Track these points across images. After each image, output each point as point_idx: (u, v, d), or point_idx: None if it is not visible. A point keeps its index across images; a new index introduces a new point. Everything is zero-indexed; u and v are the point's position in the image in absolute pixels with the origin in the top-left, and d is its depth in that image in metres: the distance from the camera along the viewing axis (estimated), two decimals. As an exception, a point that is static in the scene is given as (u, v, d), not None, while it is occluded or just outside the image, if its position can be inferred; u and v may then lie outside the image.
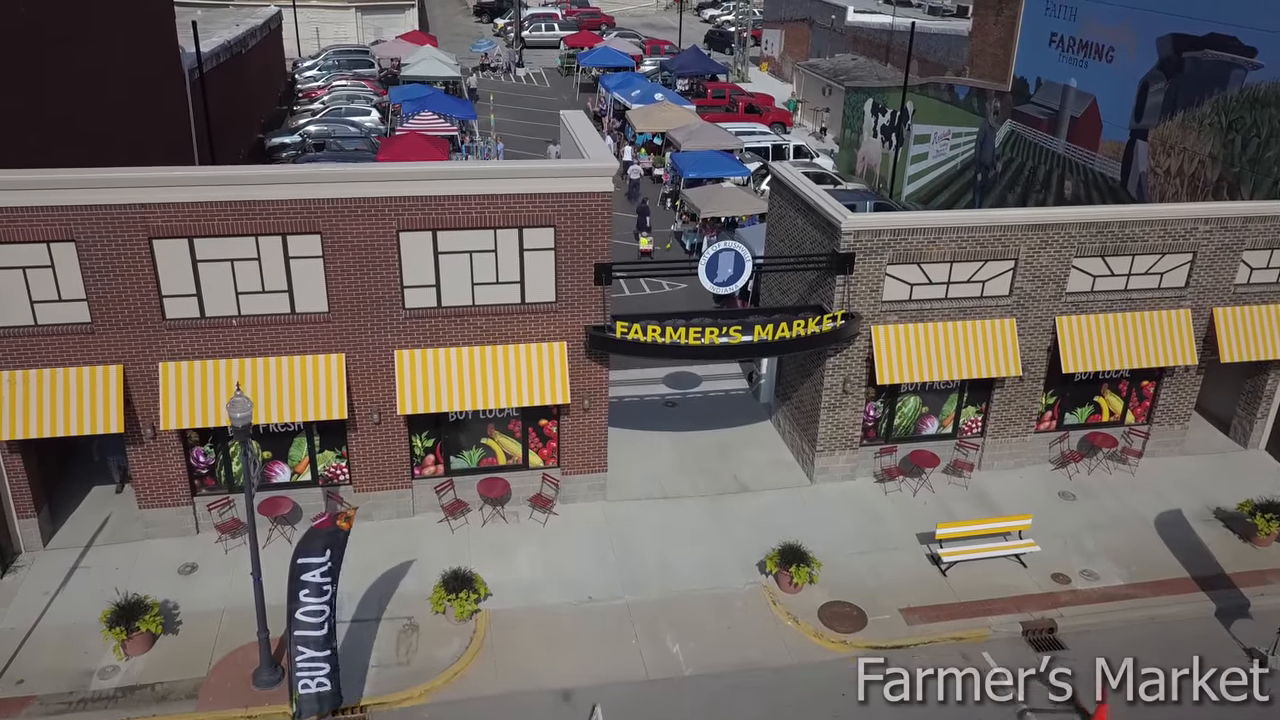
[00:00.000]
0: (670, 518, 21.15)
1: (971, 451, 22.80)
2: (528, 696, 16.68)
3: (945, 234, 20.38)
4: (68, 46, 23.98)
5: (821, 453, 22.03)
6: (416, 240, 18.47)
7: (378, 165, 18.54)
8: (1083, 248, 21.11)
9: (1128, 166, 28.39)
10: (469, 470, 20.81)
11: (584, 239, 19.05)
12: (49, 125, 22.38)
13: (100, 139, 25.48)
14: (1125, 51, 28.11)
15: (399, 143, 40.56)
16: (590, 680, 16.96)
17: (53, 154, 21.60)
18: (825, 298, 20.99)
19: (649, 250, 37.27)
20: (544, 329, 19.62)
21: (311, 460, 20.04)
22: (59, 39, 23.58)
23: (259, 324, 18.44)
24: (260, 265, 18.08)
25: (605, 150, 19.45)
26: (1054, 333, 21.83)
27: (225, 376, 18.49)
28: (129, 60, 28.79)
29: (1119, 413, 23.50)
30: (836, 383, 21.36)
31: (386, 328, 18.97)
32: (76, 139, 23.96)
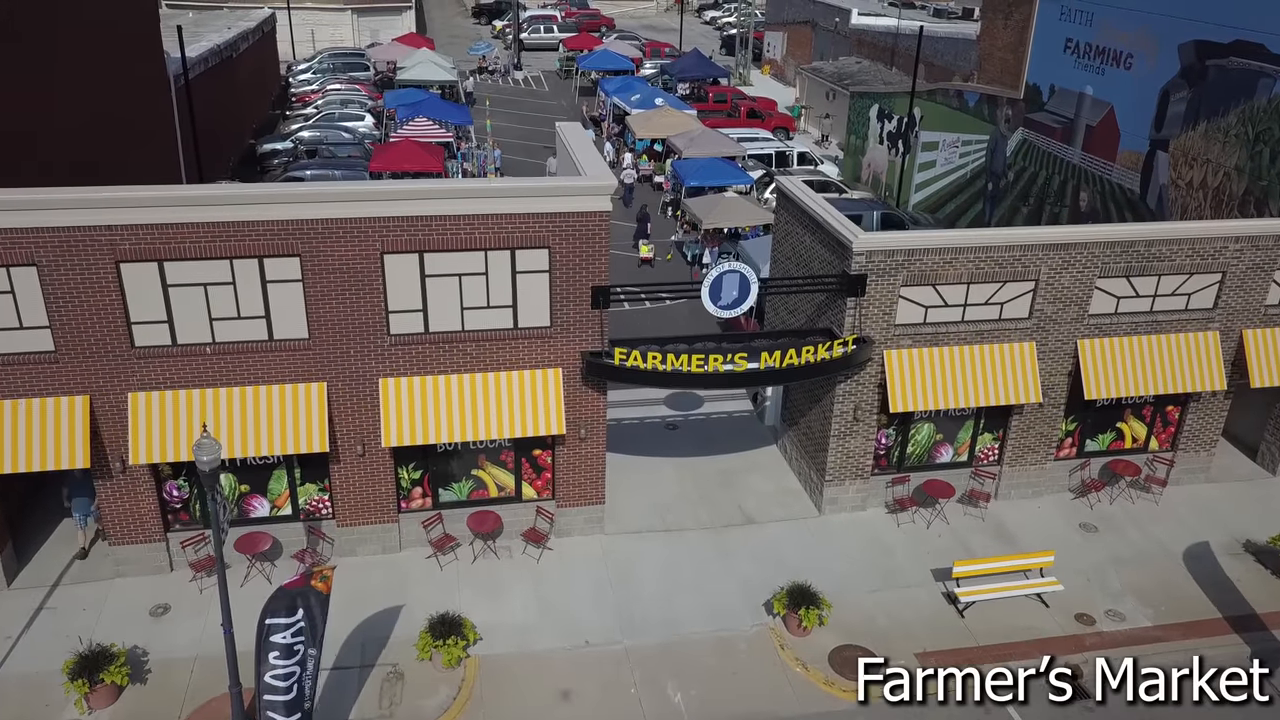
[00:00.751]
0: (672, 552, 20.06)
1: (988, 480, 21.71)
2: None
3: (962, 254, 19.29)
4: (42, 53, 22.93)
5: (831, 483, 20.94)
6: (402, 263, 17.38)
7: (360, 185, 17.42)
8: (1106, 268, 20.02)
9: (1147, 178, 27.30)
10: (459, 503, 19.72)
11: (581, 260, 17.97)
12: (18, 139, 21.30)
13: (78, 150, 24.44)
14: (1145, 58, 27.03)
15: (392, 150, 39.47)
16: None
17: (23, 169, 20.57)
18: (835, 320, 19.90)
19: (649, 258, 36.26)
20: (538, 355, 18.53)
21: (292, 493, 18.95)
22: (32, 45, 22.52)
23: (235, 351, 17.35)
24: (235, 290, 17.00)
25: (603, 167, 18.36)
26: (1075, 357, 20.74)
27: (199, 407, 17.41)
28: (110, 67, 27.72)
29: (1142, 439, 22.41)
30: (847, 410, 20.27)
31: (370, 355, 17.88)
32: (52, 150, 22.91)
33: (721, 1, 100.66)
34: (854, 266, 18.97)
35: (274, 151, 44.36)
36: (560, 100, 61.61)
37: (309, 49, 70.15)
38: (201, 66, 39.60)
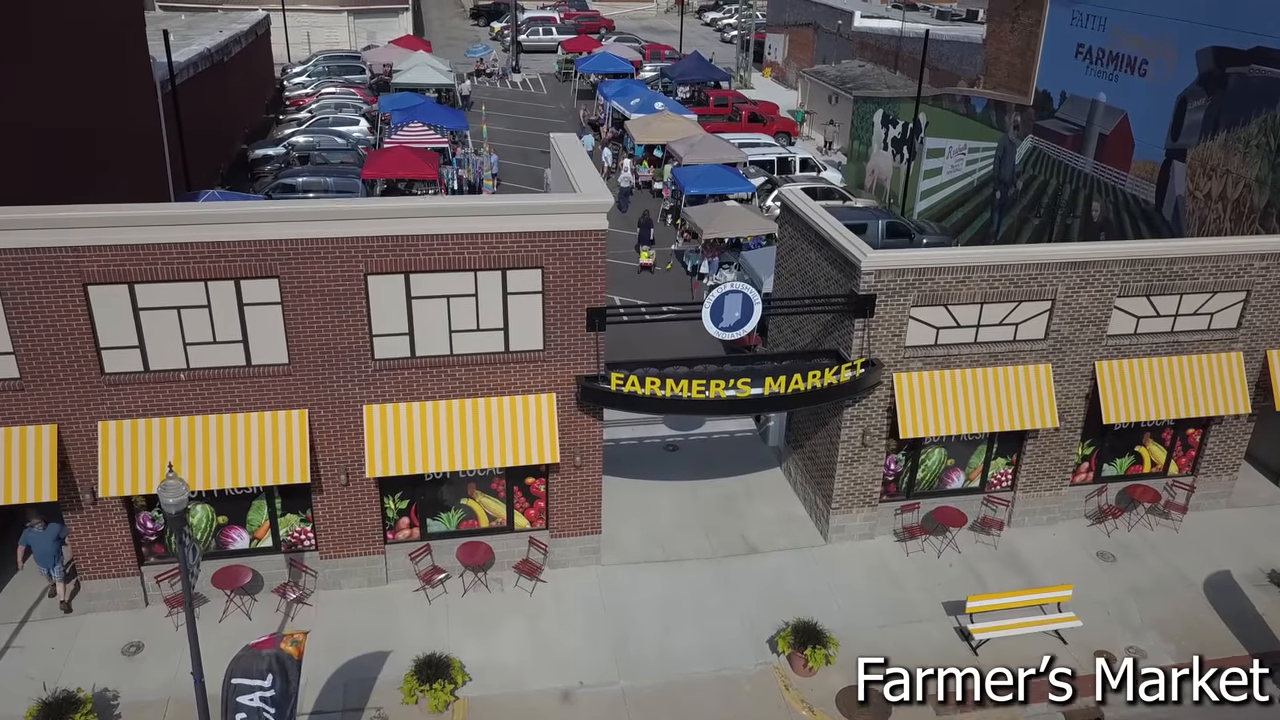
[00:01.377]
0: (671, 585, 19.17)
1: (1001, 507, 20.81)
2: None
3: (975, 273, 18.40)
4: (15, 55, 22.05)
5: (837, 510, 20.04)
6: (386, 284, 16.49)
7: (342, 203, 16.55)
8: (1126, 287, 19.14)
9: (1163, 189, 26.40)
10: (448, 533, 18.83)
11: (576, 281, 17.08)
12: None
13: (58, 160, 23.57)
14: (1161, 65, 26.13)
15: (386, 156, 38.60)
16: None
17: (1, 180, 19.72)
18: (842, 341, 19.01)
19: (650, 264, 35.46)
20: (531, 380, 17.65)
21: (273, 525, 18.06)
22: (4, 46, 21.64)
23: (210, 378, 16.46)
24: (211, 313, 16.11)
25: (599, 183, 17.46)
26: (1093, 379, 19.86)
27: (173, 436, 16.52)
28: (92, 73, 26.84)
29: (1161, 463, 21.52)
30: (855, 435, 19.38)
31: (353, 380, 17.00)
32: (31, 160, 22.03)
33: (722, 3, 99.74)
34: (862, 286, 18.08)
35: (266, 157, 43.44)
36: (559, 103, 60.75)
37: (304, 51, 69.25)
38: (191, 71, 38.75)
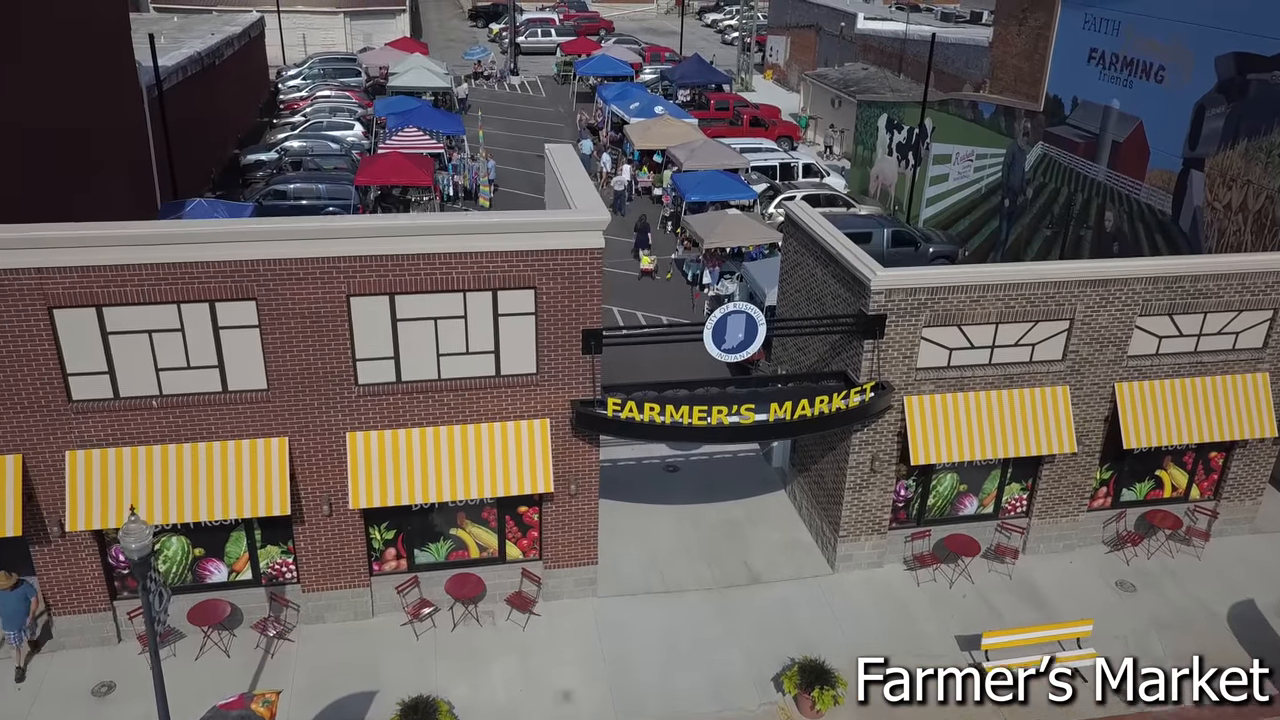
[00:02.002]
0: (671, 617, 18.29)
1: (1015, 535, 19.93)
2: None
3: (990, 292, 17.53)
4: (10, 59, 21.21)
5: (845, 538, 19.17)
6: (370, 306, 15.62)
7: (322, 221, 15.69)
8: (1148, 305, 18.27)
9: (1180, 199, 25.52)
10: (436, 565, 17.95)
11: (570, 302, 16.20)
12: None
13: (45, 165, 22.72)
14: (1178, 71, 25.25)
15: (379, 162, 37.76)
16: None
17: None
18: (851, 363, 18.14)
19: (651, 269, 34.70)
20: (523, 405, 16.77)
21: (252, 557, 17.18)
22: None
23: (185, 405, 15.59)
24: (184, 337, 15.23)
25: (595, 198, 16.58)
26: (1113, 401, 18.99)
27: (145, 466, 15.65)
28: (78, 77, 25.98)
29: (1183, 488, 20.64)
30: (863, 460, 18.51)
31: (336, 407, 16.13)
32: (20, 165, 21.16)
33: (723, 4, 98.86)
34: (872, 306, 17.21)
35: (258, 162, 42.62)
36: (557, 107, 59.89)
37: (300, 53, 68.35)
38: (180, 75, 37.90)
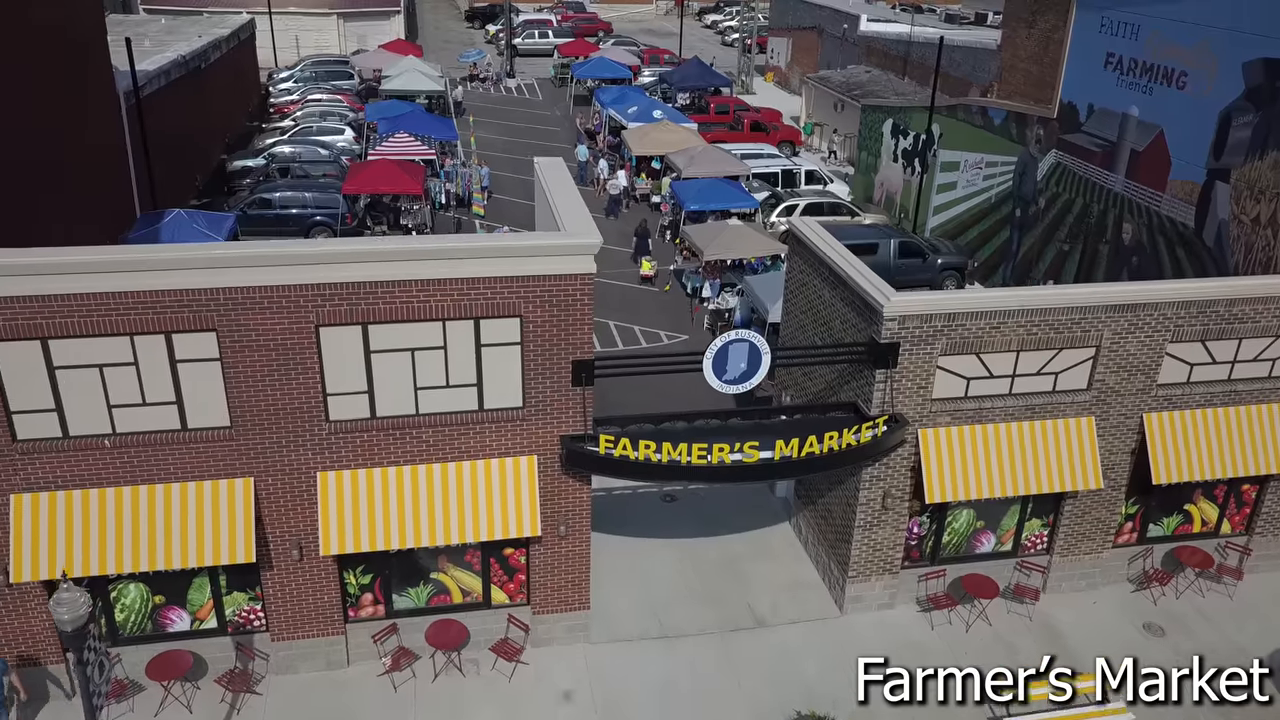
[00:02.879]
0: (670, 666, 17.05)
1: (1035, 573, 18.71)
2: None
3: (1011, 317, 16.32)
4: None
5: (855, 579, 17.96)
6: (341, 336, 14.42)
7: (288, 246, 14.57)
8: (1180, 331, 17.06)
9: (1204, 212, 24.31)
10: (416, 610, 16.72)
11: (559, 330, 14.99)
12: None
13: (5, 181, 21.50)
14: (1202, 77, 24.04)
15: (368, 169, 36.52)
16: None
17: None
18: (861, 393, 16.93)
19: (652, 275, 33.60)
20: (508, 441, 15.56)
21: (217, 604, 15.96)
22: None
23: (141, 444, 14.39)
24: (138, 371, 14.03)
25: (587, 220, 15.35)
26: (1141, 433, 17.78)
27: (97, 510, 14.45)
28: (46, 86, 24.75)
29: (1213, 522, 19.43)
30: (874, 497, 17.29)
31: (305, 445, 14.91)
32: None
33: (723, 4, 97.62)
34: (884, 333, 15.99)
35: (245, 169, 41.37)
36: (554, 110, 58.66)
37: (293, 55, 67.06)
38: (163, 79, 36.64)
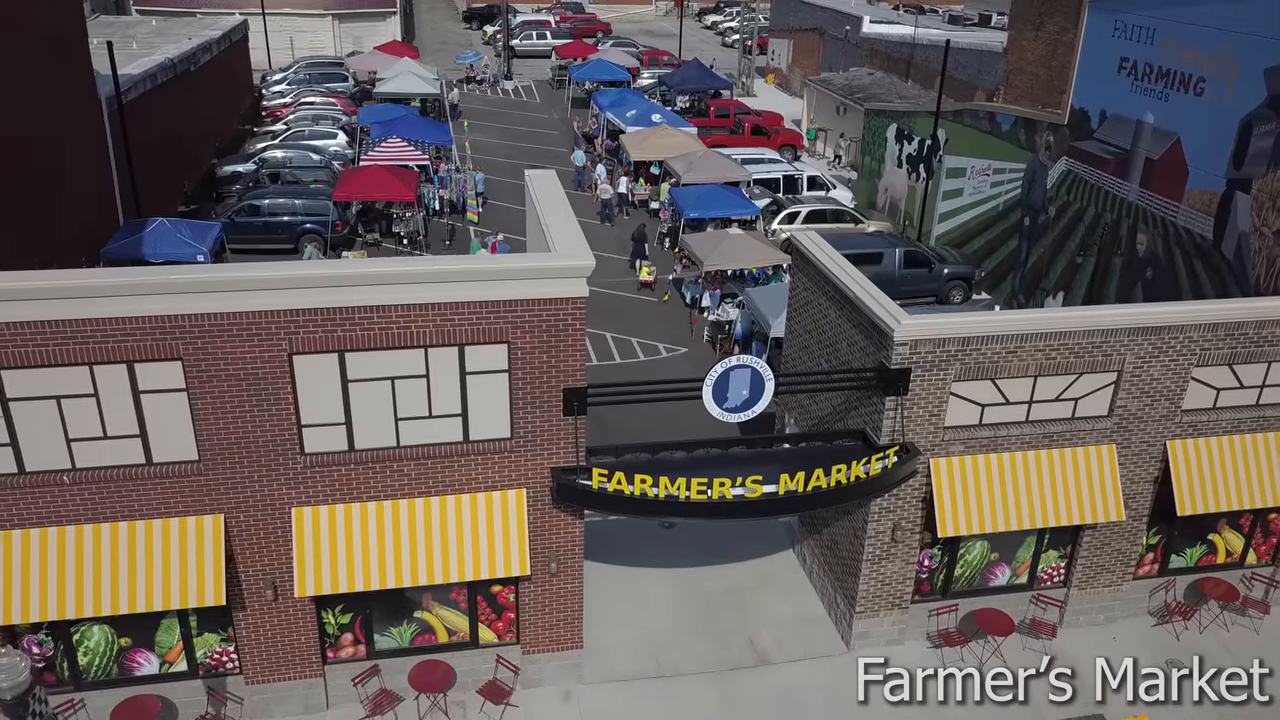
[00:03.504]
0: (667, 709, 16.14)
1: (1052, 608, 17.80)
2: None
3: (1029, 342, 15.41)
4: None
5: (862, 614, 17.05)
6: (316, 365, 13.51)
7: (258, 270, 13.51)
8: (1206, 354, 16.15)
9: (1223, 223, 23.41)
10: (399, 651, 15.81)
11: (550, 357, 14.09)
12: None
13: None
14: (1221, 84, 23.13)
15: (359, 176, 35.61)
16: None
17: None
18: (870, 420, 16.02)
19: (650, 281, 32.75)
20: (495, 474, 14.65)
21: (187, 646, 15.05)
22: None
23: (102, 479, 13.48)
24: (99, 403, 13.13)
25: (580, 239, 14.42)
26: (1164, 461, 16.88)
27: (56, 550, 13.55)
28: (22, 91, 23.86)
29: (1238, 553, 18.53)
30: (884, 529, 16.39)
31: (279, 479, 14.00)
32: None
33: (723, 5, 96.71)
34: (895, 359, 15.08)
35: (235, 174, 40.45)
36: (552, 113, 57.75)
37: (287, 57, 66.14)
38: (150, 83, 35.76)
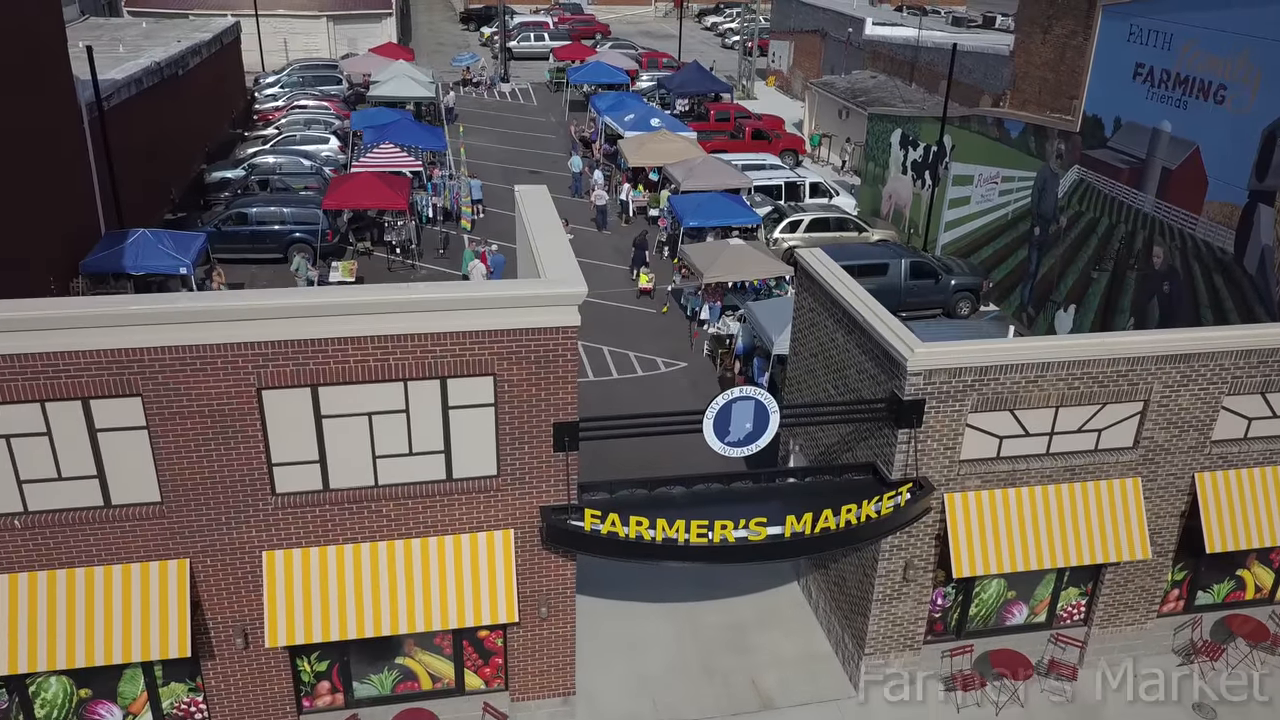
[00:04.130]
0: (664, 759, 15.26)
1: (1072, 648, 16.85)
2: None
3: (1051, 370, 14.46)
4: None
5: (871, 655, 16.10)
6: (288, 400, 12.57)
7: (224, 301, 12.56)
8: (1238, 382, 15.22)
9: (1244, 236, 22.45)
10: (380, 699, 14.86)
11: (539, 390, 13.15)
12: None
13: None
14: (1243, 91, 22.18)
15: (349, 183, 34.61)
16: None
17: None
18: (880, 452, 15.07)
19: (649, 289, 31.81)
20: (481, 514, 13.71)
21: (152, 697, 14.10)
22: None
23: (57, 524, 12.54)
24: (52, 441, 12.19)
25: (571, 264, 13.47)
26: (1192, 494, 15.94)
27: (7, 598, 12.60)
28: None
29: (1268, 588, 17.59)
30: (895, 568, 15.44)
31: (248, 521, 13.06)
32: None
33: (723, 6, 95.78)
34: (909, 390, 14.13)
35: (224, 181, 39.48)
36: (549, 116, 56.77)
37: (281, 59, 65.18)
38: (135, 87, 34.76)
